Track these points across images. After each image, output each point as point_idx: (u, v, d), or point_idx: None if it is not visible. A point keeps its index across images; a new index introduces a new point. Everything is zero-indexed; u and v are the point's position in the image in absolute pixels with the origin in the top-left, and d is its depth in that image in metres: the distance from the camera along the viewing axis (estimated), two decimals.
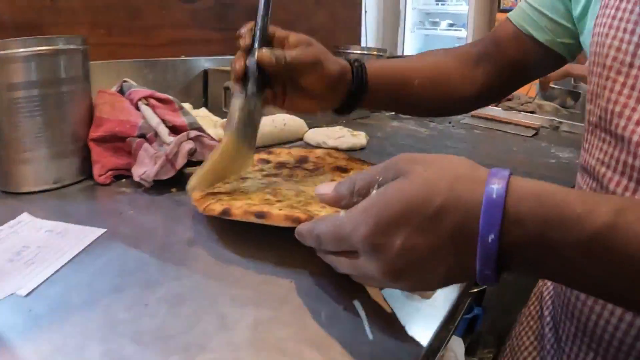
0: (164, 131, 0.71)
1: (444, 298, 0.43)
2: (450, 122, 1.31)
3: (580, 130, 1.31)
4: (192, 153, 0.70)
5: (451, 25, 3.88)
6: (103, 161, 0.68)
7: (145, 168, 0.66)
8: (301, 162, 0.66)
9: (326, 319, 0.39)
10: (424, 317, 0.41)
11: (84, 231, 0.51)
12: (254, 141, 0.55)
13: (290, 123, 0.92)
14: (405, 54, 3.55)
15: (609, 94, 0.46)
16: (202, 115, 0.92)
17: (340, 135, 0.90)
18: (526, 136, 1.19)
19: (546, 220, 0.30)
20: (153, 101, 0.75)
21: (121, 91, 0.78)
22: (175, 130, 0.73)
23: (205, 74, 1.16)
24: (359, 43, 1.88)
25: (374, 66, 0.62)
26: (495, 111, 1.53)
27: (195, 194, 0.52)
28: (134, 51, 1.04)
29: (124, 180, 0.68)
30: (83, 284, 0.42)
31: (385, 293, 0.42)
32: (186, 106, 0.80)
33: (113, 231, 0.52)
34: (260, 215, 0.44)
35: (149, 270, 0.44)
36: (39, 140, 0.61)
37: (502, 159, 0.93)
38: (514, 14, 0.66)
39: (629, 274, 0.30)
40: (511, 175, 0.32)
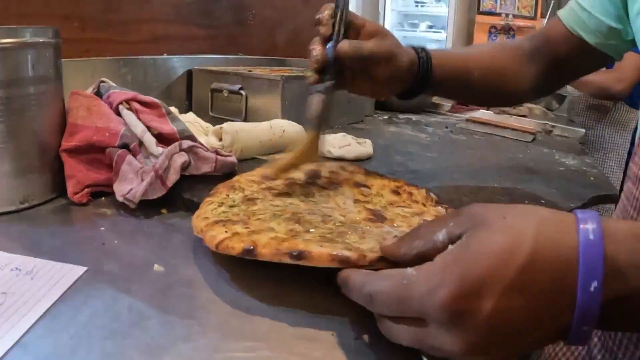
0: (150, 140, 0.62)
1: None
2: (447, 127, 1.30)
3: (572, 135, 1.34)
4: (185, 167, 0.60)
5: (430, 27, 3.87)
6: (78, 176, 0.59)
7: (129, 185, 0.56)
8: (313, 178, 0.58)
9: None
10: None
11: (60, 270, 0.41)
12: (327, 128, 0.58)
13: (289, 129, 0.83)
14: None
15: None
16: (191, 121, 0.82)
17: (345, 144, 0.81)
18: (526, 141, 1.17)
19: None
20: (136, 105, 0.65)
21: (98, 93, 0.69)
22: (162, 139, 0.63)
23: (189, 74, 1.10)
24: None
25: (438, 56, 0.64)
26: (487, 114, 1.51)
27: (197, 220, 0.43)
28: (111, 48, 0.97)
29: (103, 198, 0.59)
30: (62, 352, 0.32)
31: None
32: (173, 111, 0.70)
33: (96, 269, 0.42)
34: (297, 255, 0.35)
35: (148, 328, 0.34)
36: (1, 153, 0.53)
37: (513, 167, 0.89)
38: (565, 14, 0.67)
39: None
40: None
